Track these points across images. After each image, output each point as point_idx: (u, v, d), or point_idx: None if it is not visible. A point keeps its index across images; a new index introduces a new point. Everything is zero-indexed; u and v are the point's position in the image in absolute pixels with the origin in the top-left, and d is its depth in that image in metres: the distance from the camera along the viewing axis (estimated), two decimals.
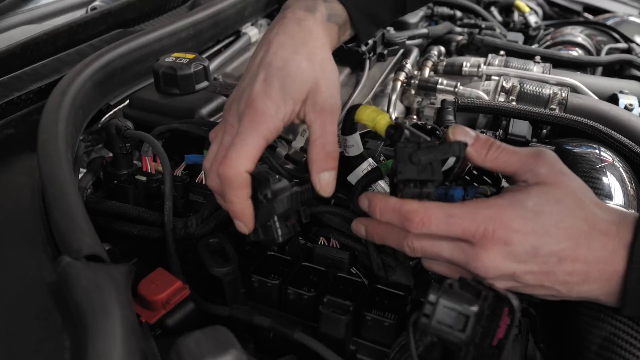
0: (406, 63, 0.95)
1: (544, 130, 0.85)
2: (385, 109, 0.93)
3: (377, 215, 0.49)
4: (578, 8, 1.72)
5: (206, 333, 0.40)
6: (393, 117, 0.90)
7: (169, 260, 0.59)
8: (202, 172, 0.65)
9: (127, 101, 0.83)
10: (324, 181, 0.53)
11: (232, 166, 0.49)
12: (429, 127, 0.53)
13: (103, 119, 0.83)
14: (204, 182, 0.65)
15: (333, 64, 0.58)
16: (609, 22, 1.43)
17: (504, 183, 0.56)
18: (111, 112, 0.84)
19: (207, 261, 0.55)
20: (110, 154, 0.71)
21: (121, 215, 0.64)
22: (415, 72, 0.97)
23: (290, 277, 0.57)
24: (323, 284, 0.56)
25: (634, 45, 1.26)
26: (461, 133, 0.50)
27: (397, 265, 0.59)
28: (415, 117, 0.98)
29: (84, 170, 0.76)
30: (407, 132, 0.50)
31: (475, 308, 0.44)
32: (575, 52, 1.21)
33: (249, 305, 0.57)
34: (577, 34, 1.27)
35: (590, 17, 1.71)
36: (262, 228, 0.52)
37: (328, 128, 0.53)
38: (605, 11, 1.70)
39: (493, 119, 0.89)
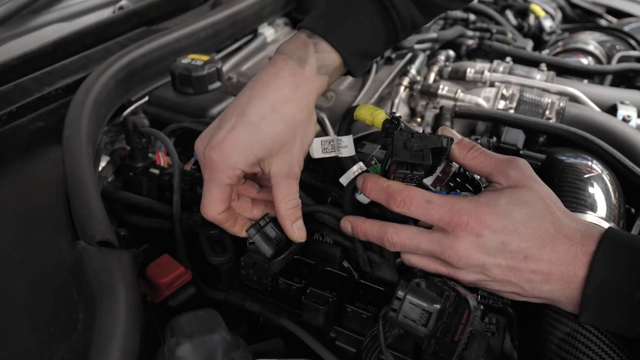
0: (410, 68, 0.98)
1: (541, 139, 0.88)
2: (388, 111, 0.97)
3: (367, 192, 0.55)
4: (600, 11, 1.70)
5: (197, 315, 0.46)
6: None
7: (176, 247, 0.66)
8: None
9: (147, 98, 0.89)
10: (299, 229, 0.58)
11: (207, 212, 0.56)
12: None
13: (125, 113, 0.90)
14: None
15: (310, 125, 0.58)
16: (628, 28, 1.41)
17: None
18: (132, 107, 0.91)
19: (206, 251, 0.60)
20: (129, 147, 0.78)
21: (133, 206, 0.71)
22: (418, 78, 1.00)
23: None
24: (311, 277, 0.61)
25: None
26: (448, 133, 0.57)
27: (382, 262, 0.63)
28: (419, 119, 1.02)
29: (108, 158, 0.84)
30: (402, 124, 0.57)
31: (437, 306, 0.48)
32: (585, 60, 1.21)
33: (243, 292, 0.63)
34: (589, 40, 1.27)
35: (613, 20, 1.69)
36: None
37: (293, 188, 0.57)
38: (628, 15, 1.67)
39: (493, 125, 0.92)
